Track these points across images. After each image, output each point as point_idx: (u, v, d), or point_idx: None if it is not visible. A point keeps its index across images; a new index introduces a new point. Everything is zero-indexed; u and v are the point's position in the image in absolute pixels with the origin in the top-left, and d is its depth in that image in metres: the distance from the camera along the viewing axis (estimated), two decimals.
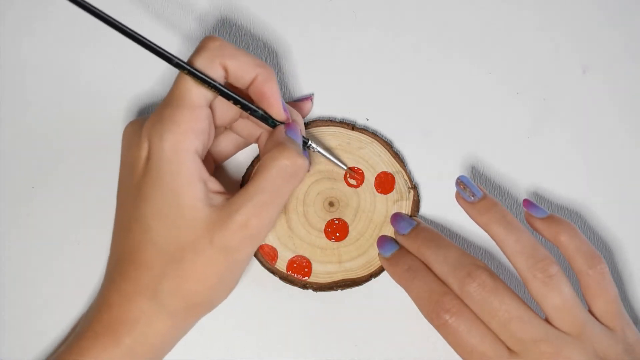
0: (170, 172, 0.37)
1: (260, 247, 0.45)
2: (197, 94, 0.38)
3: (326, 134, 0.46)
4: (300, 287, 0.44)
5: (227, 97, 0.39)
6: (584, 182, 0.47)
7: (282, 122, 0.40)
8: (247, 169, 0.45)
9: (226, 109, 0.41)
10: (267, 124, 0.40)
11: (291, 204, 0.45)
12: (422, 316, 0.40)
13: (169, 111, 0.38)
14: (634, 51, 0.48)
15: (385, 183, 0.46)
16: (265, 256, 0.44)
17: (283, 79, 0.47)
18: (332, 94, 0.47)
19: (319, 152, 0.44)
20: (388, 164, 0.46)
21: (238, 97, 0.39)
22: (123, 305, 0.38)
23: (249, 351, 0.45)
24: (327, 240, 0.45)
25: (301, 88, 0.47)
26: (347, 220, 0.45)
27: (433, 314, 0.39)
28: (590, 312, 0.40)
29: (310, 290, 0.44)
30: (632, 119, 0.48)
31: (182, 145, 0.37)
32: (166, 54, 0.37)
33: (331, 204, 0.45)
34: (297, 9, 0.48)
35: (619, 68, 0.48)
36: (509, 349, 0.38)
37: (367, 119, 0.47)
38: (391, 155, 0.46)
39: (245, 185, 0.38)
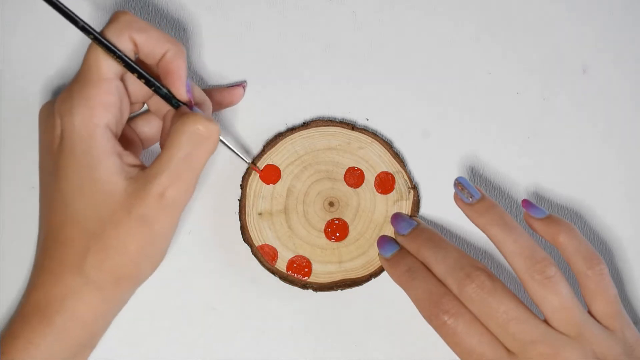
0: (83, 147, 0.37)
1: (260, 247, 0.45)
2: (106, 65, 0.38)
3: (326, 134, 0.46)
4: (300, 287, 0.44)
5: (132, 69, 0.38)
6: (583, 182, 0.47)
7: (184, 104, 0.40)
8: (247, 169, 0.45)
9: (139, 84, 0.40)
10: (171, 104, 0.40)
11: (291, 203, 0.45)
12: (421, 316, 0.40)
13: (78, 87, 0.38)
14: (634, 51, 0.48)
15: (385, 183, 0.46)
16: (265, 256, 0.45)
17: (283, 79, 0.47)
18: (332, 94, 0.47)
19: (221, 141, 0.42)
20: (388, 164, 0.46)
21: (141, 70, 0.39)
22: (49, 284, 0.38)
23: (249, 351, 0.45)
24: (327, 240, 0.45)
25: (302, 88, 0.47)
26: (347, 220, 0.45)
27: (432, 314, 0.39)
28: (590, 313, 0.39)
29: (310, 290, 0.44)
30: (631, 119, 0.47)
31: (93, 119, 0.37)
32: (73, 16, 0.37)
33: (331, 204, 0.45)
34: (297, 9, 0.47)
35: (619, 68, 0.48)
36: (507, 349, 0.38)
37: (367, 119, 0.47)
38: (391, 155, 0.46)
39: (159, 154, 0.38)
